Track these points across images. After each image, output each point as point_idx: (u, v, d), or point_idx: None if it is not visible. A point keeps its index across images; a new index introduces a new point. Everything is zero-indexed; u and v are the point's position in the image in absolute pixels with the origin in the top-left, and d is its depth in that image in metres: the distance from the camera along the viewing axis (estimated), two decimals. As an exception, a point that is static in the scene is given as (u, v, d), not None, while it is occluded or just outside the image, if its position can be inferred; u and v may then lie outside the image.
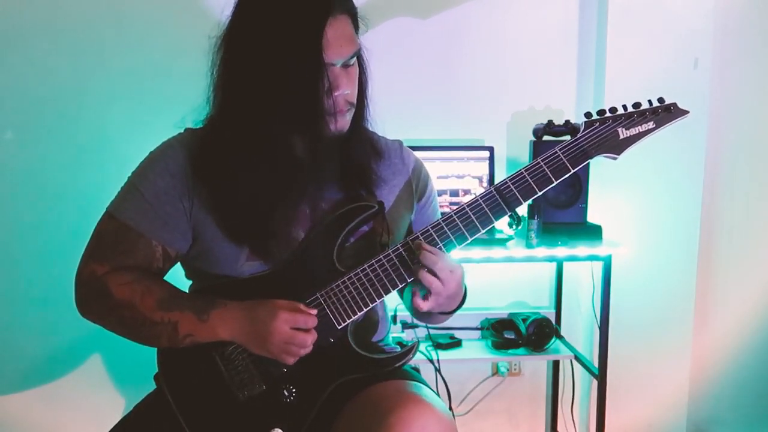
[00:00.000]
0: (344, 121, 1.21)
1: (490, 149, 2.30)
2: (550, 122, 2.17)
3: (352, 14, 1.20)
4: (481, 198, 1.22)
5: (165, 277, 1.27)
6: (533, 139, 2.24)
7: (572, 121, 2.24)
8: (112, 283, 1.19)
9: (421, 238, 1.22)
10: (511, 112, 2.46)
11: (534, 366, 2.58)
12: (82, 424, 2.39)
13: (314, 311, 1.19)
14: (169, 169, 1.21)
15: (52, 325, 2.31)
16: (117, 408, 2.34)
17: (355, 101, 1.23)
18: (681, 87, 2.33)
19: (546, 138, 2.18)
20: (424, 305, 1.20)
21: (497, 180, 2.27)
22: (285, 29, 1.11)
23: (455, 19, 2.38)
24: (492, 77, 2.43)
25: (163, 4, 2.26)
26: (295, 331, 1.16)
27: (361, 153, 1.29)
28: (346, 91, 1.18)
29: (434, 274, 1.18)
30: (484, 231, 1.23)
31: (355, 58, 1.20)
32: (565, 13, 2.43)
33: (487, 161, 2.28)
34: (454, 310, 1.33)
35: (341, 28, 1.15)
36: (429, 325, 2.35)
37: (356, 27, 1.21)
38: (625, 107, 1.26)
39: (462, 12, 2.38)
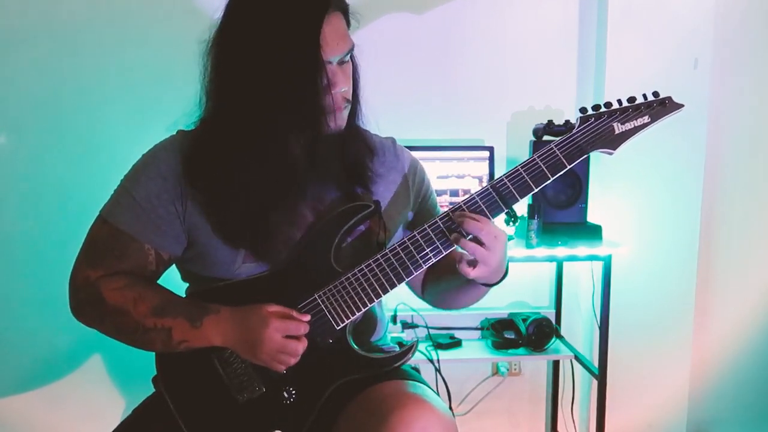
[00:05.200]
0: (342, 119, 1.22)
1: (490, 149, 2.30)
2: (550, 122, 2.17)
3: (345, 11, 1.20)
4: (477, 195, 1.21)
5: (161, 280, 1.27)
6: (533, 139, 2.24)
7: (572, 121, 2.23)
8: (104, 288, 1.19)
9: (451, 214, 1.20)
10: (511, 112, 2.46)
11: (534, 366, 2.58)
12: (82, 424, 2.39)
13: (307, 317, 1.19)
14: (161, 173, 1.20)
15: (51, 326, 2.31)
16: (117, 408, 2.34)
17: (350, 98, 1.23)
18: (681, 87, 2.29)
19: (546, 138, 2.18)
20: (472, 272, 1.16)
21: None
22: (282, 27, 1.11)
23: (454, 18, 2.38)
24: (492, 77, 2.43)
25: (160, 6, 2.26)
26: (286, 339, 1.16)
27: (356, 151, 1.29)
28: (344, 88, 1.18)
29: (479, 241, 1.16)
30: (481, 229, 1.22)
31: (349, 55, 1.21)
32: (565, 13, 2.43)
33: (487, 161, 2.28)
34: (497, 282, 1.28)
35: (337, 25, 1.16)
36: (434, 326, 2.35)
37: (348, 24, 1.22)
38: (620, 102, 1.25)
39: (462, 12, 2.38)
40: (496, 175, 2.26)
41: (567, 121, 2.18)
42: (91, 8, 2.23)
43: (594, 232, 2.22)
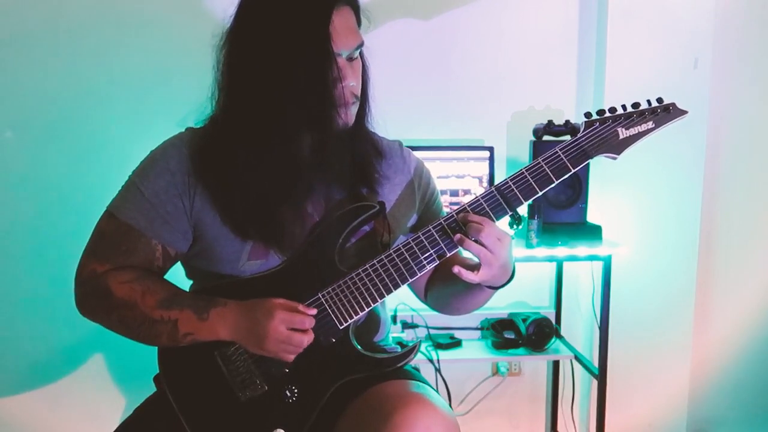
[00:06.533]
0: (350, 114, 1.22)
1: (490, 149, 2.30)
2: (550, 122, 2.17)
3: (355, 7, 1.21)
4: (482, 198, 1.21)
5: (166, 277, 1.27)
6: (533, 139, 2.25)
7: (572, 121, 2.24)
8: (112, 281, 1.19)
9: (455, 216, 1.20)
10: (511, 112, 2.46)
11: (534, 366, 2.58)
12: (82, 424, 2.39)
13: (313, 311, 1.19)
14: (170, 168, 1.21)
15: (52, 326, 2.31)
16: (117, 408, 2.34)
17: (359, 95, 1.23)
18: (681, 87, 2.33)
19: (546, 138, 2.19)
20: (476, 276, 1.16)
21: (497, 180, 2.27)
22: (292, 20, 1.12)
23: (455, 19, 2.38)
24: (492, 77, 2.43)
25: (164, 4, 2.26)
26: (291, 331, 1.16)
27: (363, 151, 1.29)
28: (352, 82, 1.19)
29: (481, 243, 1.16)
30: (484, 231, 1.22)
31: (358, 52, 1.21)
32: (565, 13, 2.43)
33: (487, 161, 2.28)
34: (504, 284, 1.27)
35: (346, 18, 1.17)
36: (433, 326, 2.35)
37: (359, 21, 1.22)
38: (624, 107, 1.25)
39: (462, 12, 2.38)
40: (496, 175, 2.30)
41: (567, 121, 2.18)
42: (97, 6, 2.23)
43: (594, 232, 2.22)
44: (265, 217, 1.20)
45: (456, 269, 1.17)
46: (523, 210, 1.37)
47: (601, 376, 2.20)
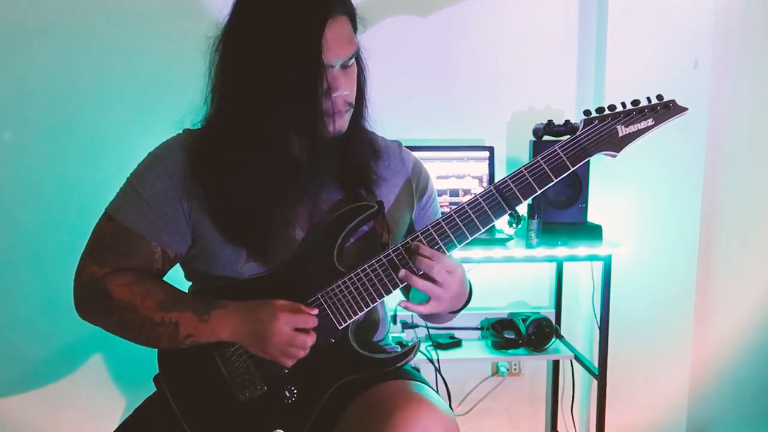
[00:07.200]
0: (342, 122, 1.21)
1: (490, 149, 2.30)
2: (550, 122, 2.17)
3: (351, 15, 1.19)
4: (480, 197, 1.21)
5: (165, 278, 1.27)
6: (533, 139, 2.25)
7: (572, 121, 2.24)
8: (111, 284, 1.19)
9: (421, 238, 1.21)
10: (511, 112, 2.46)
11: (534, 366, 2.58)
12: (82, 424, 2.39)
13: (315, 311, 1.19)
14: (168, 171, 1.21)
15: (52, 326, 2.31)
16: (117, 408, 2.34)
17: (353, 102, 1.23)
18: (681, 87, 2.33)
19: (546, 138, 2.18)
20: (424, 309, 1.19)
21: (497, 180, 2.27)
22: (285, 30, 1.11)
23: (455, 18, 2.38)
24: (492, 77, 2.43)
25: (162, 5, 2.26)
26: (295, 332, 1.16)
27: (360, 152, 1.29)
28: (345, 92, 1.18)
29: (432, 280, 1.17)
30: (484, 230, 1.22)
31: (353, 59, 1.20)
32: (565, 13, 2.43)
33: (487, 161, 2.28)
34: (461, 308, 1.31)
35: (341, 29, 1.15)
36: (432, 325, 2.35)
37: (355, 27, 1.21)
38: (624, 105, 1.25)
39: (462, 11, 2.38)
40: (496, 175, 2.29)
41: (567, 121, 2.18)
42: (97, 7, 2.23)
43: (594, 232, 2.22)
44: (253, 224, 1.19)
45: (403, 304, 1.20)
46: (523, 210, 1.37)
47: (601, 376, 2.20)
